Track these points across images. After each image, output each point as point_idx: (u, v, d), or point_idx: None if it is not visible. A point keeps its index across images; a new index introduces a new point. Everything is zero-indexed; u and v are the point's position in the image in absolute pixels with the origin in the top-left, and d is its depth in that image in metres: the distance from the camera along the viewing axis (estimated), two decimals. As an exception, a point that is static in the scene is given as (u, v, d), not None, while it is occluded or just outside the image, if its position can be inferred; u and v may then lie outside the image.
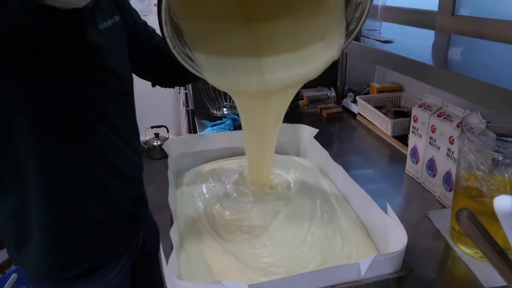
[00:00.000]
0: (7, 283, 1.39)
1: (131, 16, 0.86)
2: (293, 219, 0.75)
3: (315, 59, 0.69)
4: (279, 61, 0.70)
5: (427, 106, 0.97)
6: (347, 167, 0.81)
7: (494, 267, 0.42)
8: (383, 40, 0.91)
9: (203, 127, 1.39)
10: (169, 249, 0.59)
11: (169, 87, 1.03)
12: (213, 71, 0.67)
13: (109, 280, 0.81)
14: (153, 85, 0.99)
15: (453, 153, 0.85)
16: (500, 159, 0.62)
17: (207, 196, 0.83)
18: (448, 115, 0.89)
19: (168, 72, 0.93)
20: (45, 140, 0.67)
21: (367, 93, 1.56)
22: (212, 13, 0.69)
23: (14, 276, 1.41)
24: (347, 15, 0.68)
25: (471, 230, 0.42)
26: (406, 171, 1.05)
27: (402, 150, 1.17)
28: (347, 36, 0.67)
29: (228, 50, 0.69)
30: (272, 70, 0.69)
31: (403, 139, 1.21)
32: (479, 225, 0.41)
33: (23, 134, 0.65)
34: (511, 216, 0.32)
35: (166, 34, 0.56)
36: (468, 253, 0.73)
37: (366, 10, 0.63)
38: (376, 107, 1.37)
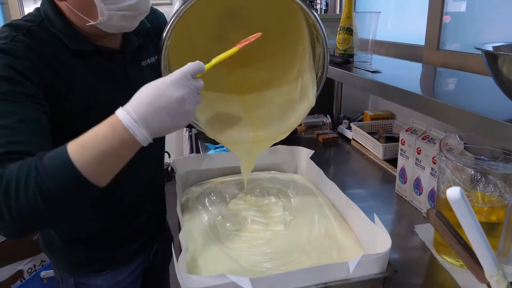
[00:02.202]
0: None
1: None
2: (293, 230, 0.82)
3: (296, 112, 0.86)
4: (266, 119, 0.88)
5: (413, 130, 1.06)
6: (342, 187, 0.88)
7: (459, 256, 0.48)
8: (371, 70, 1.01)
9: (206, 149, 1.47)
10: (177, 253, 0.66)
11: None
12: (211, 128, 0.86)
13: (120, 279, 0.89)
14: None
15: (436, 172, 0.93)
16: (472, 173, 0.70)
17: (209, 208, 0.91)
18: (431, 138, 0.98)
19: None
20: None
21: (361, 120, 1.65)
22: (215, 89, 0.89)
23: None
24: (315, 68, 0.83)
25: (439, 225, 0.49)
26: (395, 191, 1.13)
27: (392, 172, 1.25)
28: (318, 83, 0.83)
29: (226, 114, 0.89)
30: (260, 127, 0.88)
31: (393, 162, 1.29)
32: (446, 221, 0.49)
33: None
34: (460, 203, 0.40)
35: None
36: (449, 262, 0.79)
37: (327, 57, 0.79)
38: (369, 133, 1.46)
